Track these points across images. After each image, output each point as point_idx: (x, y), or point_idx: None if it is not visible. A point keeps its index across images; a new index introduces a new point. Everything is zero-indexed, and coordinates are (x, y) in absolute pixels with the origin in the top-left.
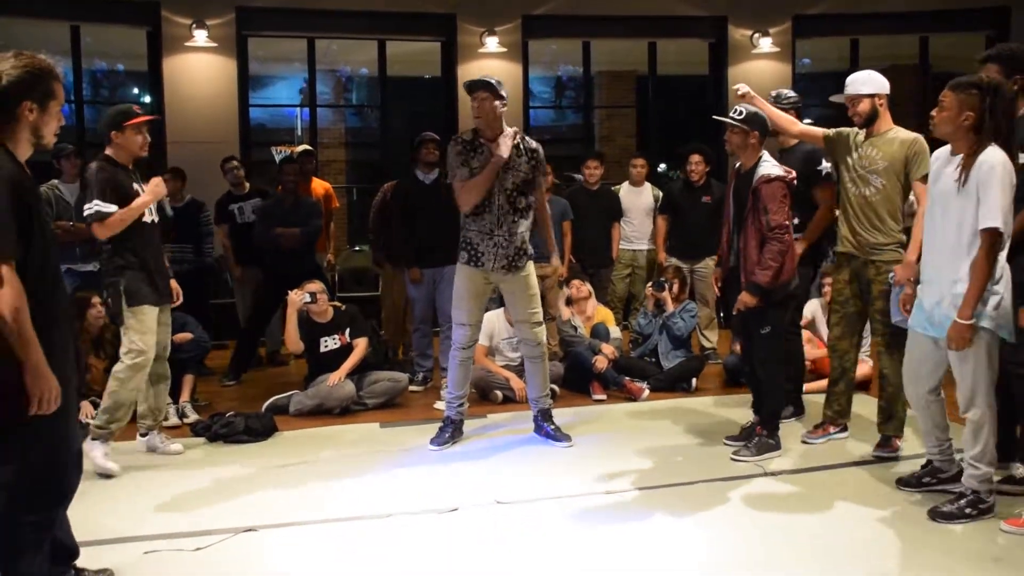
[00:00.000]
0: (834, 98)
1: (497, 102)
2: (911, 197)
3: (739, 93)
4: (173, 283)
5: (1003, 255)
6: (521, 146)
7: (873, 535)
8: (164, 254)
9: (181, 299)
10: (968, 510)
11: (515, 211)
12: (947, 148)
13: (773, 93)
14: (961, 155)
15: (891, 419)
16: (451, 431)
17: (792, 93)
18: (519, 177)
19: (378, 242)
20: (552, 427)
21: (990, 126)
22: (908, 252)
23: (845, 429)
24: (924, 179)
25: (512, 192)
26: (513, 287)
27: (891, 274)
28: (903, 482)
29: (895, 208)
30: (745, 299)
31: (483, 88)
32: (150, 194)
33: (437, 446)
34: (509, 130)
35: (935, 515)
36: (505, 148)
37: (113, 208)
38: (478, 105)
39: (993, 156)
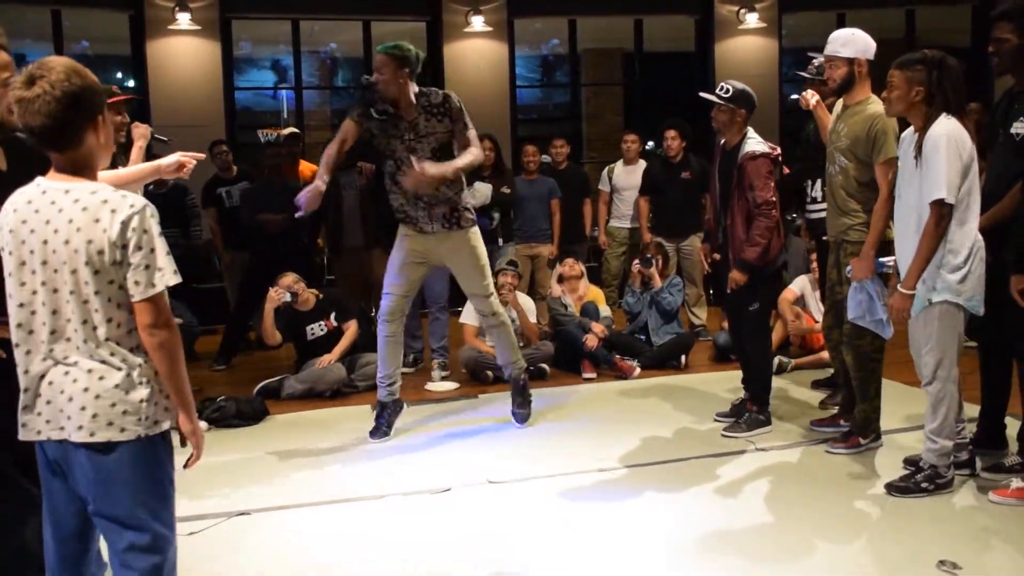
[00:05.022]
0: (812, 55)
1: (401, 70)
2: None
3: (812, 103)
4: None
5: (973, 225)
6: (426, 104)
7: (864, 508)
8: None
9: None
10: (924, 484)
11: None
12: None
13: (815, 63)
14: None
15: (855, 418)
16: (385, 419)
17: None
18: (437, 141)
19: (314, 233)
20: (517, 403)
21: (940, 99)
22: (865, 246)
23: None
24: (887, 163)
25: (432, 159)
26: (457, 258)
27: (848, 268)
28: (910, 462)
29: (855, 189)
30: (736, 277)
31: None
32: (140, 138)
33: (377, 439)
34: (413, 95)
35: (891, 489)
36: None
37: (117, 171)
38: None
39: (940, 128)
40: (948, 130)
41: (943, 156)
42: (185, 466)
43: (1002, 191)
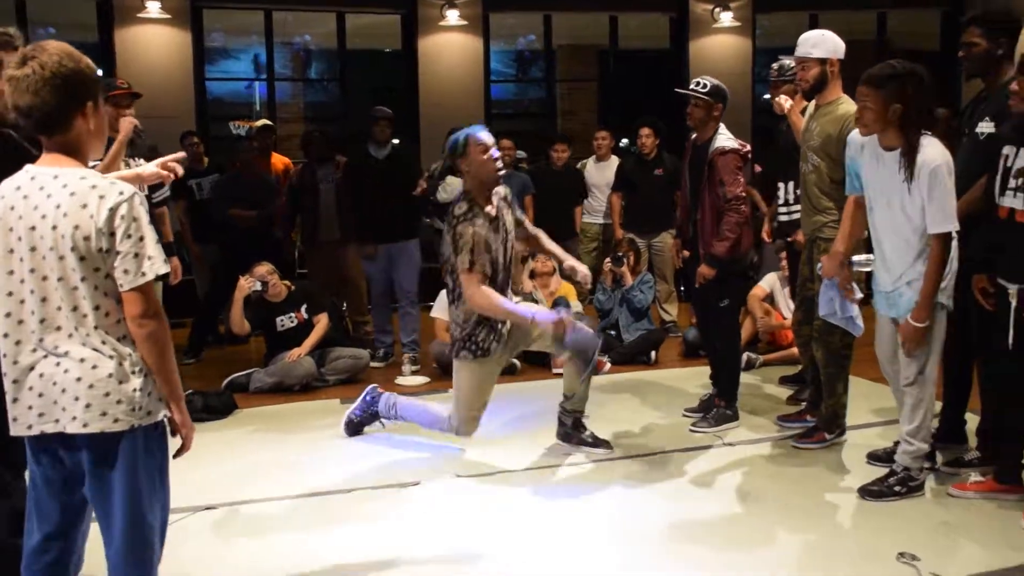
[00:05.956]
0: (783, 59)
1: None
2: None
3: (786, 108)
4: (173, 261)
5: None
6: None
7: (828, 502)
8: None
9: (179, 277)
10: (897, 488)
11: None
12: (872, 136)
13: (775, 65)
14: (897, 150)
15: (821, 414)
16: (366, 423)
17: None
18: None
19: (289, 226)
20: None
21: (916, 117)
22: (835, 243)
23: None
24: None
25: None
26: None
27: (818, 265)
28: (874, 456)
29: (829, 187)
30: (704, 271)
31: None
32: (123, 131)
33: (349, 434)
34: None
35: (864, 493)
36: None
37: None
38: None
39: (933, 153)
40: (943, 157)
41: (943, 187)
42: (175, 456)
43: (961, 190)
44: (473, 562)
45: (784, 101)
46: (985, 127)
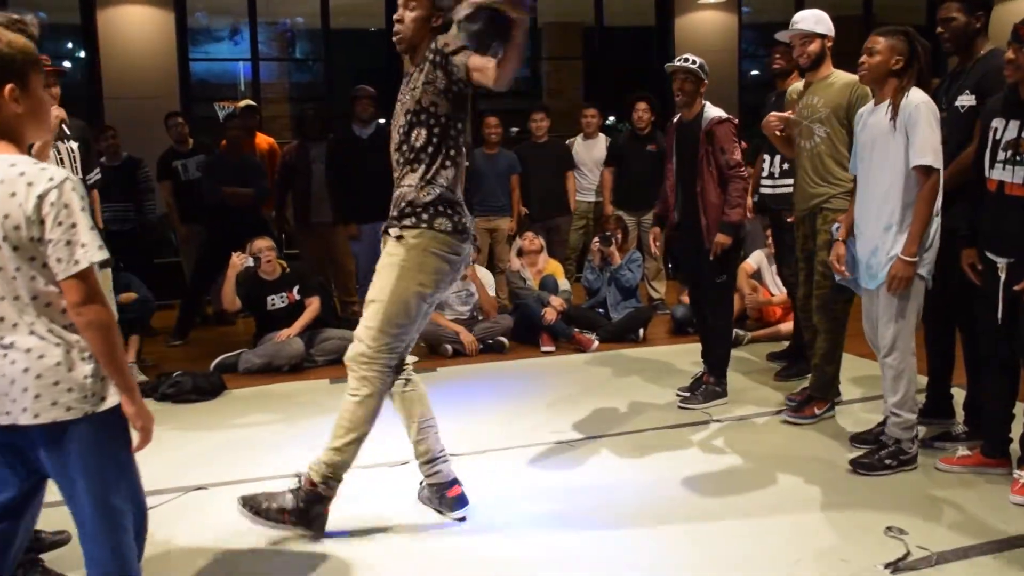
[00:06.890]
0: (780, 35)
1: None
2: None
3: (776, 133)
4: None
5: (938, 202)
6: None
7: (817, 477)
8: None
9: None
10: (888, 461)
11: (409, 152)
12: (870, 104)
13: (789, 34)
14: (887, 100)
15: (817, 382)
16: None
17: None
18: (413, 101)
19: (281, 205)
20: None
21: (914, 71)
22: (852, 204)
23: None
24: None
25: (406, 124)
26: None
27: (835, 225)
28: (857, 439)
29: (842, 156)
30: (721, 239)
31: None
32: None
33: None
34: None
35: (856, 466)
36: None
37: None
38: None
39: (916, 96)
40: (924, 98)
41: (925, 122)
42: (135, 450)
43: (943, 163)
44: (464, 539)
45: (774, 123)
46: (965, 100)
